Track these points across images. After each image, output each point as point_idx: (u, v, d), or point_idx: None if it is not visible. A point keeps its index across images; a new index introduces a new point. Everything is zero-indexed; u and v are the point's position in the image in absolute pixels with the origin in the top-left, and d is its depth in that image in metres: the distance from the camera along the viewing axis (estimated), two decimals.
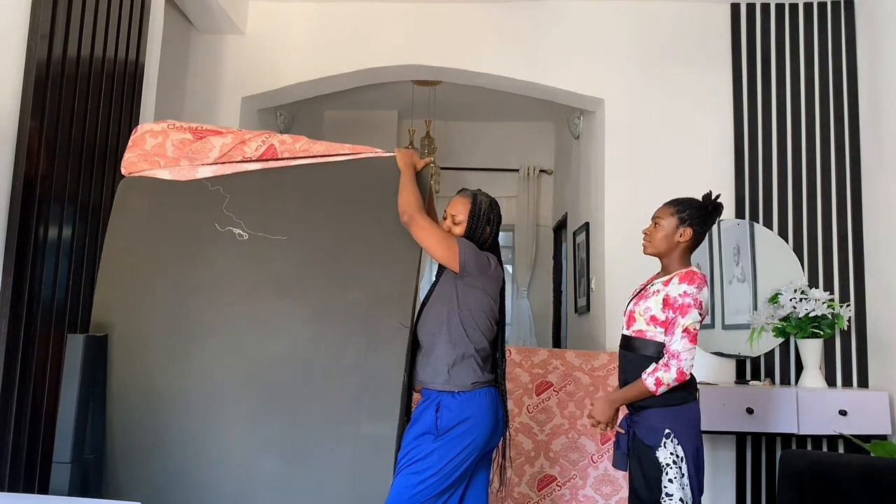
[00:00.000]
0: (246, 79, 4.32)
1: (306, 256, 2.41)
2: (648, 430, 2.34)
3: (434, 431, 2.30)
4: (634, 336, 2.43)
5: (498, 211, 2.52)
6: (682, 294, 2.33)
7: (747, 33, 4.18)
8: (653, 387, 2.30)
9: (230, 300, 2.38)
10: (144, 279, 2.41)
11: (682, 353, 2.28)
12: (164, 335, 2.37)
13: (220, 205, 2.43)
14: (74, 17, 2.65)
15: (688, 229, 2.43)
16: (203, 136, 2.50)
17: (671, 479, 2.27)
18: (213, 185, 2.45)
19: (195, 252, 2.42)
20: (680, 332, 2.30)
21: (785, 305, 3.67)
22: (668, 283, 2.39)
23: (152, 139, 2.50)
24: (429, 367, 2.38)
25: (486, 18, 4.30)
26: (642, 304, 2.42)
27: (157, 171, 2.48)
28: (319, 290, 2.38)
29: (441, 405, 2.32)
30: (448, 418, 2.31)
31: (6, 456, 2.39)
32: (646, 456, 2.33)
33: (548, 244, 6.53)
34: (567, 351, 3.65)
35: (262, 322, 2.36)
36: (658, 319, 2.36)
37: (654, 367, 2.32)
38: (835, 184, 3.98)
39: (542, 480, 3.46)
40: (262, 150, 2.50)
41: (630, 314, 2.47)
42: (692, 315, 2.31)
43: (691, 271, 2.40)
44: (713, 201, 2.48)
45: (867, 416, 3.48)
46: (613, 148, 4.22)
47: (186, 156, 2.49)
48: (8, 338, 2.37)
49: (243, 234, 2.41)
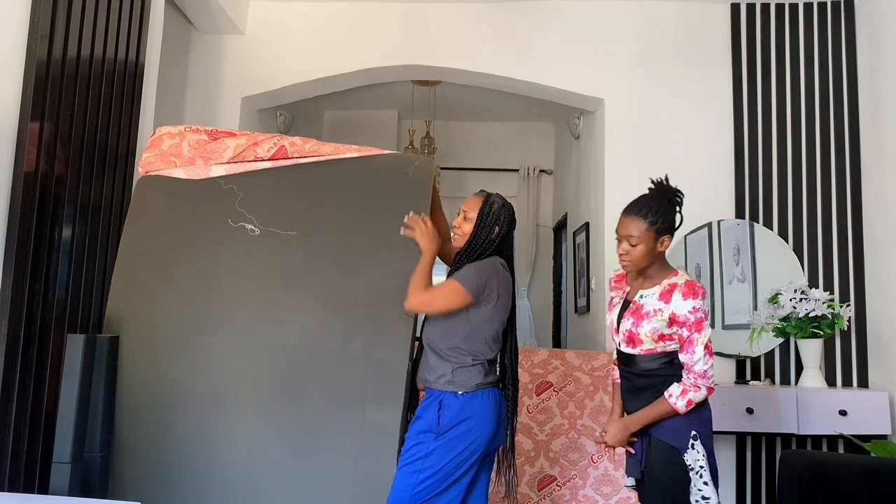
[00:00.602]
0: (246, 79, 4.32)
1: (315, 250, 2.48)
2: (674, 433, 2.27)
3: (435, 430, 2.31)
4: (643, 354, 2.34)
5: (510, 213, 2.52)
6: (691, 311, 2.23)
7: (747, 33, 4.18)
8: (684, 409, 2.24)
9: (242, 292, 2.46)
10: (159, 272, 2.48)
11: (707, 371, 2.24)
12: (177, 326, 2.43)
13: (233, 202, 2.51)
14: (74, 17, 2.65)
15: (666, 237, 2.30)
16: (218, 137, 2.60)
17: (706, 482, 2.23)
18: (226, 183, 2.54)
19: (209, 247, 2.50)
20: (701, 350, 2.23)
21: (785, 305, 3.67)
22: (667, 299, 2.28)
23: (170, 140, 2.60)
24: (433, 369, 2.40)
25: (486, 18, 4.30)
26: (646, 326, 2.29)
27: (172, 171, 2.57)
28: (327, 282, 2.45)
29: (443, 404, 2.34)
30: (449, 417, 2.32)
31: (6, 456, 2.39)
32: (671, 459, 2.26)
33: (548, 244, 6.53)
34: (567, 351, 3.65)
35: (273, 313, 2.44)
36: (666, 336, 2.29)
37: (681, 390, 2.25)
38: (835, 184, 3.98)
39: (542, 480, 3.46)
40: (274, 150, 2.59)
41: (630, 335, 2.34)
42: (707, 330, 2.25)
43: (690, 282, 2.28)
44: (669, 188, 2.33)
45: (867, 416, 3.48)
46: (613, 148, 4.22)
47: (202, 155, 2.58)
48: (8, 338, 2.37)
49: (255, 229, 2.49)
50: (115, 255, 2.83)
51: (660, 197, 2.32)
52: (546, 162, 6.60)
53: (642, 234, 2.27)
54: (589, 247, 4.60)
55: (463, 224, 2.50)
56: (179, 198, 2.54)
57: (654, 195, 2.34)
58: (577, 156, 5.31)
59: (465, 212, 2.51)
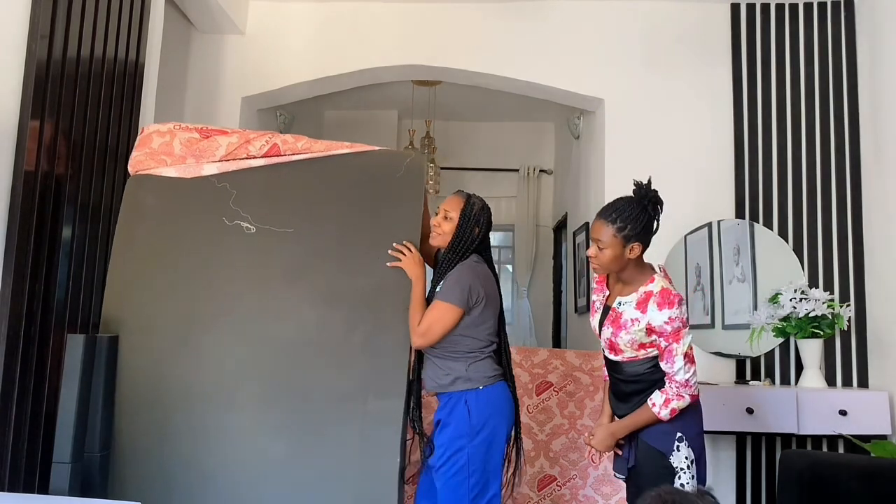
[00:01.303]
0: (246, 79, 4.32)
1: (313, 247, 2.50)
2: (659, 435, 2.28)
3: (468, 431, 2.40)
4: (626, 361, 2.35)
5: (489, 215, 2.61)
6: (667, 321, 2.20)
7: (747, 33, 4.18)
8: (668, 417, 2.25)
9: (239, 290, 2.47)
10: (154, 272, 2.49)
11: (689, 380, 2.24)
12: (175, 325, 2.44)
13: (227, 200, 2.51)
14: (74, 17, 2.64)
15: (635, 244, 2.25)
16: (210, 135, 2.60)
17: (683, 484, 2.23)
18: (219, 181, 2.54)
19: (204, 245, 2.50)
20: (681, 360, 2.23)
21: (785, 305, 3.67)
22: (643, 308, 2.24)
23: (159, 138, 2.59)
24: (446, 373, 2.48)
25: (486, 18, 4.30)
26: (624, 337, 2.28)
27: (163, 169, 2.55)
28: (326, 278, 2.48)
29: (469, 403, 2.42)
30: (478, 414, 2.41)
31: (6, 456, 2.39)
32: (657, 462, 2.27)
33: (548, 244, 6.53)
34: (567, 351, 3.64)
35: (271, 309, 2.45)
36: (645, 345, 2.29)
37: (664, 399, 2.25)
38: (835, 184, 3.98)
39: (542, 480, 3.46)
40: (266, 148, 2.59)
41: (611, 343, 2.34)
42: (685, 339, 2.24)
43: (664, 291, 2.23)
44: (648, 193, 2.26)
45: (867, 416, 3.47)
46: (613, 148, 4.22)
47: (193, 153, 2.57)
48: (8, 338, 2.37)
49: (251, 227, 2.49)
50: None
51: (635, 203, 2.27)
52: (546, 162, 6.60)
53: (609, 239, 2.26)
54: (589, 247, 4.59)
55: (443, 223, 2.56)
56: (172, 197, 2.54)
57: (628, 200, 2.29)
58: (577, 156, 5.31)
59: (447, 211, 2.57)
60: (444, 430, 2.44)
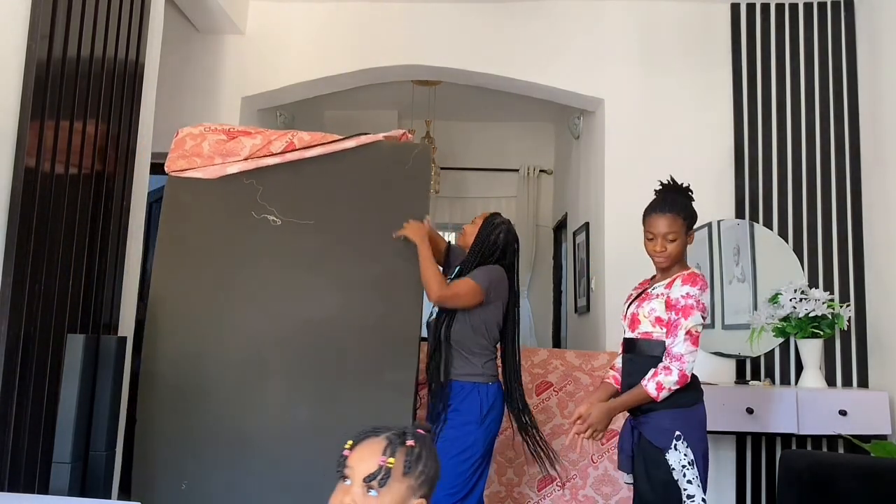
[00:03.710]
0: (246, 79, 4.32)
1: (331, 238, 2.78)
2: (657, 432, 2.28)
3: (478, 419, 2.69)
4: (640, 338, 2.38)
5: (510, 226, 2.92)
6: (684, 296, 2.30)
7: (747, 33, 4.18)
8: (654, 392, 2.25)
9: (267, 275, 2.76)
10: (193, 260, 2.79)
11: (684, 356, 2.26)
12: (211, 305, 2.76)
13: (255, 196, 2.80)
14: (74, 17, 2.64)
15: (693, 232, 2.45)
16: (235, 136, 2.85)
17: (690, 480, 2.23)
18: (247, 178, 2.81)
19: (236, 236, 2.79)
20: (683, 333, 2.27)
21: (785, 305, 3.67)
22: (670, 286, 2.36)
23: (192, 140, 2.85)
24: (465, 365, 2.76)
25: (486, 18, 4.30)
26: (646, 306, 2.38)
27: (191, 172, 2.82)
28: (344, 265, 2.76)
29: (481, 394, 2.72)
30: (487, 406, 2.72)
31: (6, 456, 2.39)
32: (654, 458, 2.28)
33: (548, 244, 6.53)
34: (567, 351, 3.65)
35: (296, 293, 2.75)
36: (663, 320, 2.33)
37: (653, 372, 2.28)
38: (835, 184, 3.98)
39: (542, 480, 3.46)
40: (284, 146, 2.83)
41: (633, 317, 2.43)
42: (695, 317, 2.28)
43: (693, 273, 2.37)
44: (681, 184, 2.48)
45: (867, 416, 3.47)
46: (613, 148, 4.22)
47: (220, 153, 2.81)
48: (8, 338, 2.36)
49: (276, 220, 2.77)
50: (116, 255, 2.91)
51: (680, 194, 2.45)
52: (546, 162, 6.60)
53: (679, 229, 2.38)
54: (589, 247, 4.59)
55: (469, 227, 2.95)
56: (206, 194, 2.82)
57: (674, 193, 2.45)
58: (577, 156, 5.31)
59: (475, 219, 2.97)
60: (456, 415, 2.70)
